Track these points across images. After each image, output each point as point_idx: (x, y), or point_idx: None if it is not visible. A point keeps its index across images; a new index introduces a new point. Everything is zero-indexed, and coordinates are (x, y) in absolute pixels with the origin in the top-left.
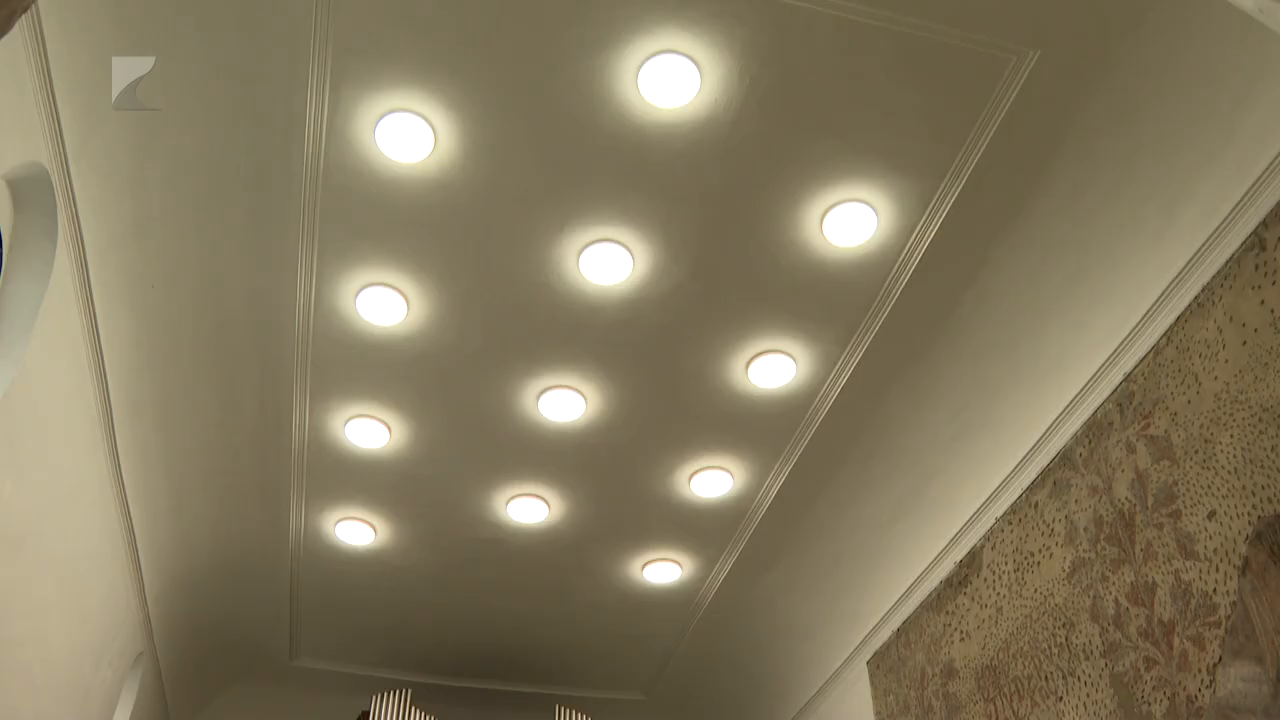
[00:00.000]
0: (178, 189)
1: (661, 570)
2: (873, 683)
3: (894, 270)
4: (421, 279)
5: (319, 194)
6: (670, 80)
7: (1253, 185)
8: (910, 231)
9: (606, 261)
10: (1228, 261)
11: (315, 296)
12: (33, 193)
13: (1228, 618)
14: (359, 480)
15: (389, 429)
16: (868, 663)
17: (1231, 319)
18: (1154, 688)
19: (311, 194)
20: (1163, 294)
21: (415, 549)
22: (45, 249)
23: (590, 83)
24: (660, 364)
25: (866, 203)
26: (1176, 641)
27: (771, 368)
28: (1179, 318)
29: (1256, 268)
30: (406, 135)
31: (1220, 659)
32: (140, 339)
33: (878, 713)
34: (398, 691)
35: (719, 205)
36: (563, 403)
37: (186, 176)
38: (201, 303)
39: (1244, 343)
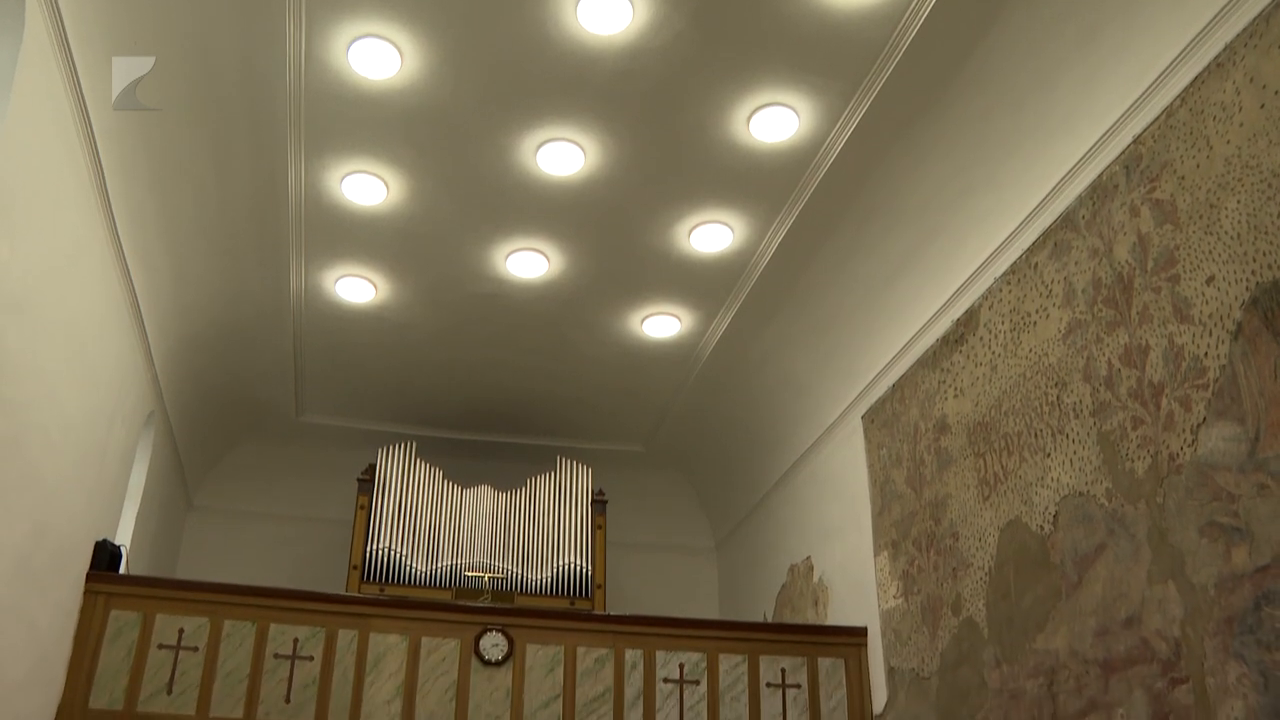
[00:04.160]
0: None
1: (661, 324)
2: (867, 437)
3: (902, 22)
4: (415, 29)
5: None
6: None
7: None
8: None
9: (605, 9)
10: (1254, 19)
11: (306, 49)
12: None
13: (1216, 380)
14: (357, 237)
15: (386, 184)
16: (862, 417)
17: (1252, 80)
18: (1138, 445)
19: None
20: (1181, 53)
21: (416, 305)
22: (11, 3)
23: None
24: (660, 116)
25: None
26: (1164, 402)
27: (774, 120)
28: (1195, 78)
29: None
30: None
31: (1204, 420)
32: None
33: (871, 466)
34: (403, 444)
35: None
36: (561, 155)
37: None
38: (188, 58)
39: (1262, 105)
